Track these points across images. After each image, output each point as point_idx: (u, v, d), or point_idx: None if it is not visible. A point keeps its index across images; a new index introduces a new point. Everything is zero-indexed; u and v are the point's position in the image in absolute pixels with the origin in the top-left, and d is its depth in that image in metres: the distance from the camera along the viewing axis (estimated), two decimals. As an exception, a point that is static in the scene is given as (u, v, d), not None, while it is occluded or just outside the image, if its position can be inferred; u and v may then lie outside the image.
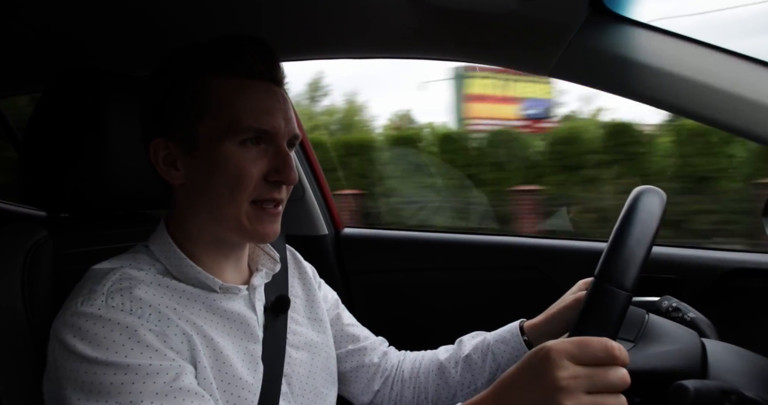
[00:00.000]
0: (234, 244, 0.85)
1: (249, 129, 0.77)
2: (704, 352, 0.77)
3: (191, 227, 0.83)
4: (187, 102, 0.79)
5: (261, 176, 0.78)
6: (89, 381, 0.65)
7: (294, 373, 0.89)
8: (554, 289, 1.06)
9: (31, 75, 1.50)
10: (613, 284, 0.66)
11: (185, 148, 0.79)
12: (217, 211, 0.79)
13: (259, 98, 0.79)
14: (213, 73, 0.79)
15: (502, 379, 0.61)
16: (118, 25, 1.11)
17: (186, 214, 0.83)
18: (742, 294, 1.27)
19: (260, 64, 0.80)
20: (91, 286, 0.73)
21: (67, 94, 0.93)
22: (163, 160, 0.80)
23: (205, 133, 0.78)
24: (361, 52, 1.23)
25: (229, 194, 0.77)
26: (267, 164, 0.79)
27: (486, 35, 1.00)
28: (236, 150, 0.77)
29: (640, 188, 0.74)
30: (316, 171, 1.74)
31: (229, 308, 0.81)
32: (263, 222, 0.80)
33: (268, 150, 0.79)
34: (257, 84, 0.80)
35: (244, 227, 0.79)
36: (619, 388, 0.56)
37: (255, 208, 0.79)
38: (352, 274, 1.73)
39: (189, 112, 0.79)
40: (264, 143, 0.79)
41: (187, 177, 0.80)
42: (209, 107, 0.78)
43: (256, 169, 0.77)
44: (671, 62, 0.85)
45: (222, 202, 0.78)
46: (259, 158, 0.78)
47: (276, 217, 0.82)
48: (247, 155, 0.77)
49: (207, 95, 0.78)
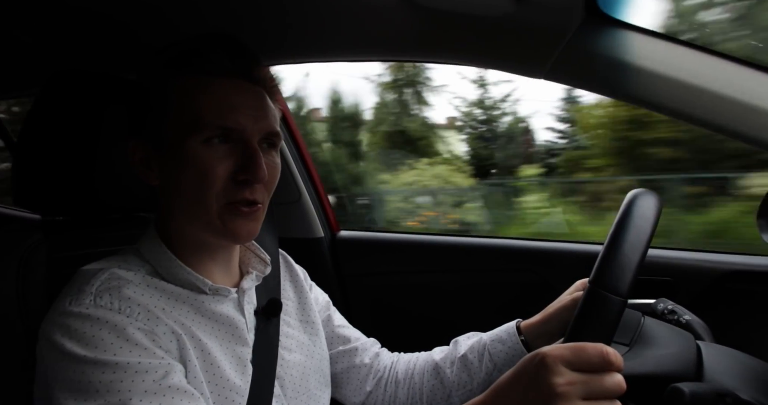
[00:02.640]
0: (216, 245, 0.84)
1: (210, 125, 0.75)
2: (699, 354, 0.77)
3: (173, 229, 0.82)
4: (154, 102, 0.79)
5: (228, 176, 0.76)
6: (78, 380, 0.65)
7: (287, 375, 0.89)
8: (550, 291, 1.06)
9: (25, 77, 1.50)
10: (608, 290, 0.66)
11: (155, 148, 0.79)
12: (189, 211, 0.78)
13: (223, 95, 0.76)
14: (176, 71, 0.78)
15: (496, 384, 0.60)
16: (111, 27, 1.11)
17: (167, 216, 0.83)
18: (738, 296, 1.27)
19: (226, 60, 0.78)
20: (79, 286, 0.73)
21: (61, 96, 0.93)
22: (140, 162, 0.81)
23: (172, 131, 0.77)
24: (357, 55, 1.23)
25: (197, 194, 0.76)
26: (233, 163, 0.76)
27: (481, 38, 1.00)
28: (200, 148, 0.75)
29: (635, 191, 0.74)
30: (312, 174, 1.74)
31: (217, 310, 0.81)
32: (236, 221, 0.78)
33: (237, 148, 0.77)
34: (223, 81, 0.77)
35: (217, 227, 0.78)
36: (614, 393, 0.56)
37: (227, 208, 0.77)
38: (348, 277, 1.73)
39: (156, 112, 0.78)
40: (231, 142, 0.77)
41: (160, 177, 0.80)
42: (173, 105, 0.77)
43: (221, 167, 0.75)
44: (667, 66, 0.85)
45: (191, 201, 0.77)
46: (225, 157, 0.76)
47: (252, 216, 0.79)
48: (211, 153, 0.75)
49: (171, 94, 0.77)
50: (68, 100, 0.92)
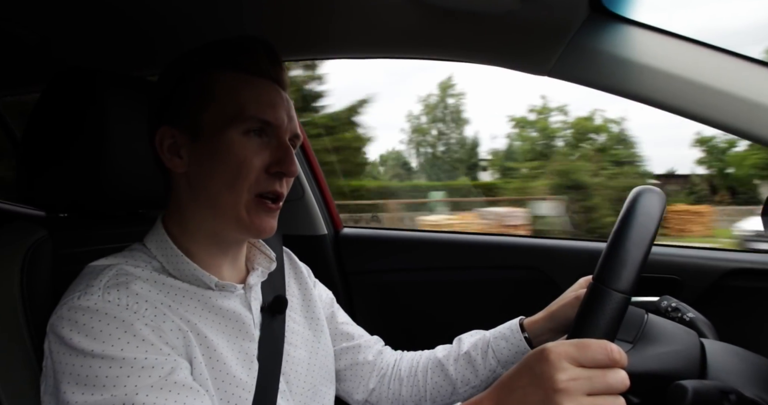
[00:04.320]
0: (231, 240, 0.85)
1: (252, 118, 0.78)
2: (703, 352, 0.77)
3: (189, 222, 0.83)
4: (195, 93, 0.81)
5: (262, 167, 0.79)
6: (85, 374, 0.65)
7: (292, 371, 0.89)
8: (553, 288, 1.06)
9: (30, 75, 1.50)
10: (611, 287, 0.66)
11: (190, 136, 0.80)
12: (217, 201, 0.80)
13: (264, 92, 0.81)
14: (220, 67, 0.81)
15: (501, 380, 0.61)
16: (116, 26, 1.11)
17: (185, 208, 0.83)
18: (742, 294, 1.27)
19: (266, 62, 0.82)
20: (87, 282, 0.73)
21: (65, 93, 0.93)
22: (168, 149, 0.82)
23: (210, 121, 0.79)
24: (361, 52, 1.23)
25: (231, 183, 0.78)
26: (269, 156, 0.80)
27: (485, 35, 1.00)
28: (239, 139, 0.78)
29: (639, 188, 0.73)
30: (316, 171, 1.74)
31: (224, 306, 0.81)
32: (261, 216, 0.81)
33: (271, 142, 0.81)
34: (262, 81, 0.82)
35: (242, 220, 0.80)
36: (618, 390, 0.56)
37: (255, 201, 0.80)
38: (351, 274, 1.73)
39: (195, 103, 0.80)
40: (266, 136, 0.81)
41: (190, 165, 0.81)
42: (215, 98, 0.80)
43: (257, 159, 0.79)
44: (671, 62, 0.85)
45: (222, 190, 0.79)
46: (261, 149, 0.80)
47: (274, 213, 0.83)
48: (249, 145, 0.79)
49: (213, 87, 0.80)
50: (73, 97, 0.92)
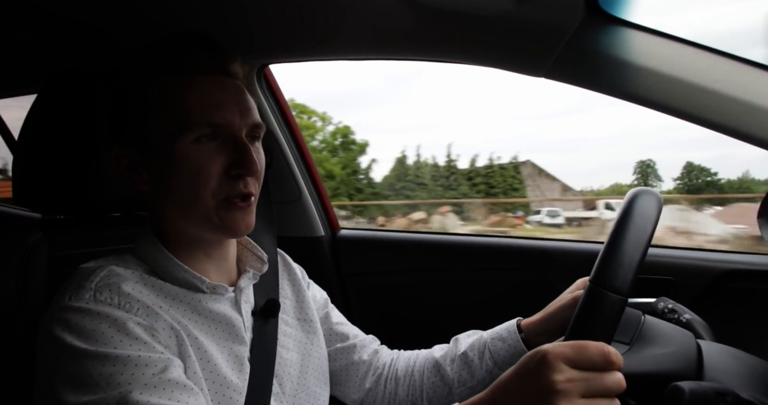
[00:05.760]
0: (212, 241, 0.84)
1: (199, 123, 0.75)
2: (700, 353, 0.76)
3: (167, 229, 0.82)
4: (137, 105, 0.78)
5: (222, 172, 0.76)
6: (78, 373, 0.65)
7: (285, 373, 0.89)
8: (550, 290, 1.06)
9: (27, 76, 1.50)
10: (608, 289, 0.66)
11: (142, 151, 0.78)
12: (185, 210, 0.78)
13: (207, 92, 0.77)
14: (157, 72, 0.78)
15: (498, 381, 0.61)
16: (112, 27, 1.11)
17: (159, 217, 0.83)
18: (739, 295, 1.27)
19: (204, 58, 0.78)
20: (78, 282, 0.73)
21: (61, 95, 0.93)
22: (127, 168, 0.80)
23: (159, 133, 0.76)
24: (358, 53, 1.23)
25: (193, 193, 0.76)
26: (226, 158, 0.77)
27: (482, 37, 1.00)
28: (191, 147, 0.75)
29: (636, 190, 0.74)
30: (313, 172, 1.74)
31: (214, 309, 0.81)
32: (234, 216, 0.78)
33: (226, 144, 0.77)
34: (204, 78, 0.77)
35: (214, 223, 0.78)
36: (614, 392, 0.56)
37: (223, 204, 0.78)
38: (348, 276, 1.73)
39: (140, 115, 0.77)
40: (220, 137, 0.77)
41: (150, 181, 0.80)
42: (157, 108, 0.76)
43: (214, 165, 0.76)
44: (667, 64, 0.85)
45: (187, 201, 0.77)
46: (216, 154, 0.76)
47: (247, 210, 0.80)
48: (203, 152, 0.76)
49: (153, 96, 0.77)
50: (68, 100, 0.92)
